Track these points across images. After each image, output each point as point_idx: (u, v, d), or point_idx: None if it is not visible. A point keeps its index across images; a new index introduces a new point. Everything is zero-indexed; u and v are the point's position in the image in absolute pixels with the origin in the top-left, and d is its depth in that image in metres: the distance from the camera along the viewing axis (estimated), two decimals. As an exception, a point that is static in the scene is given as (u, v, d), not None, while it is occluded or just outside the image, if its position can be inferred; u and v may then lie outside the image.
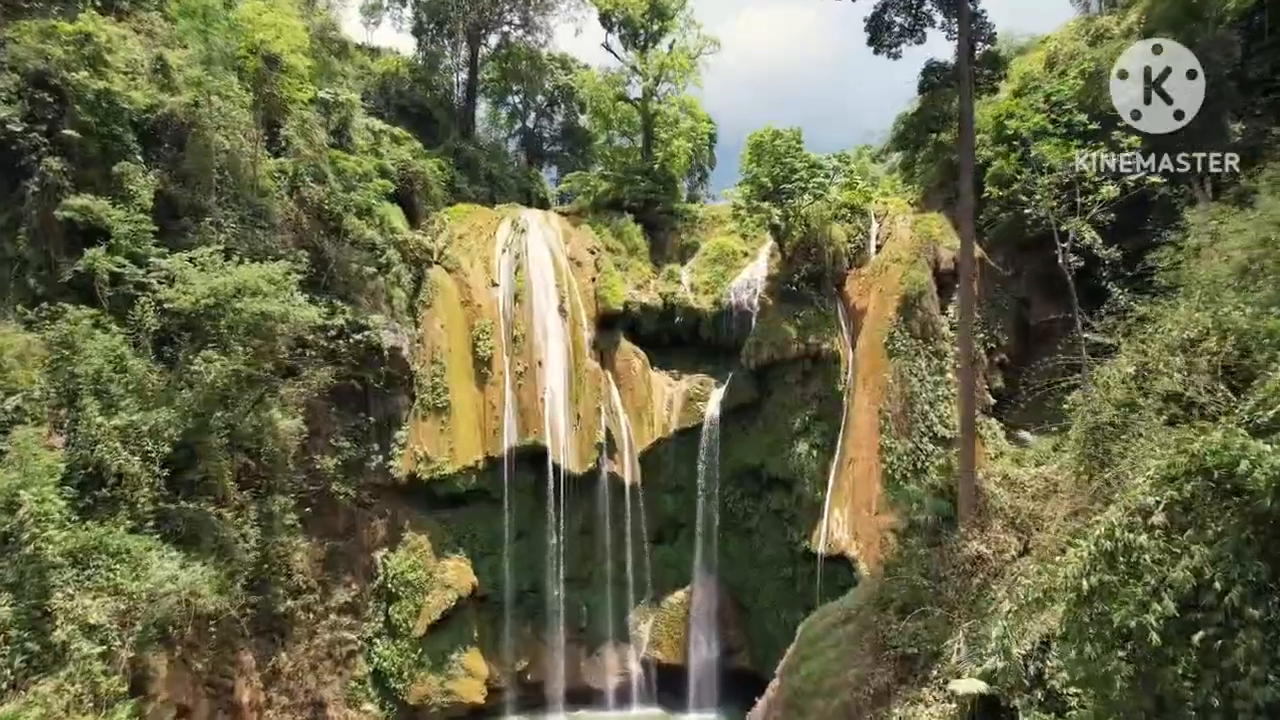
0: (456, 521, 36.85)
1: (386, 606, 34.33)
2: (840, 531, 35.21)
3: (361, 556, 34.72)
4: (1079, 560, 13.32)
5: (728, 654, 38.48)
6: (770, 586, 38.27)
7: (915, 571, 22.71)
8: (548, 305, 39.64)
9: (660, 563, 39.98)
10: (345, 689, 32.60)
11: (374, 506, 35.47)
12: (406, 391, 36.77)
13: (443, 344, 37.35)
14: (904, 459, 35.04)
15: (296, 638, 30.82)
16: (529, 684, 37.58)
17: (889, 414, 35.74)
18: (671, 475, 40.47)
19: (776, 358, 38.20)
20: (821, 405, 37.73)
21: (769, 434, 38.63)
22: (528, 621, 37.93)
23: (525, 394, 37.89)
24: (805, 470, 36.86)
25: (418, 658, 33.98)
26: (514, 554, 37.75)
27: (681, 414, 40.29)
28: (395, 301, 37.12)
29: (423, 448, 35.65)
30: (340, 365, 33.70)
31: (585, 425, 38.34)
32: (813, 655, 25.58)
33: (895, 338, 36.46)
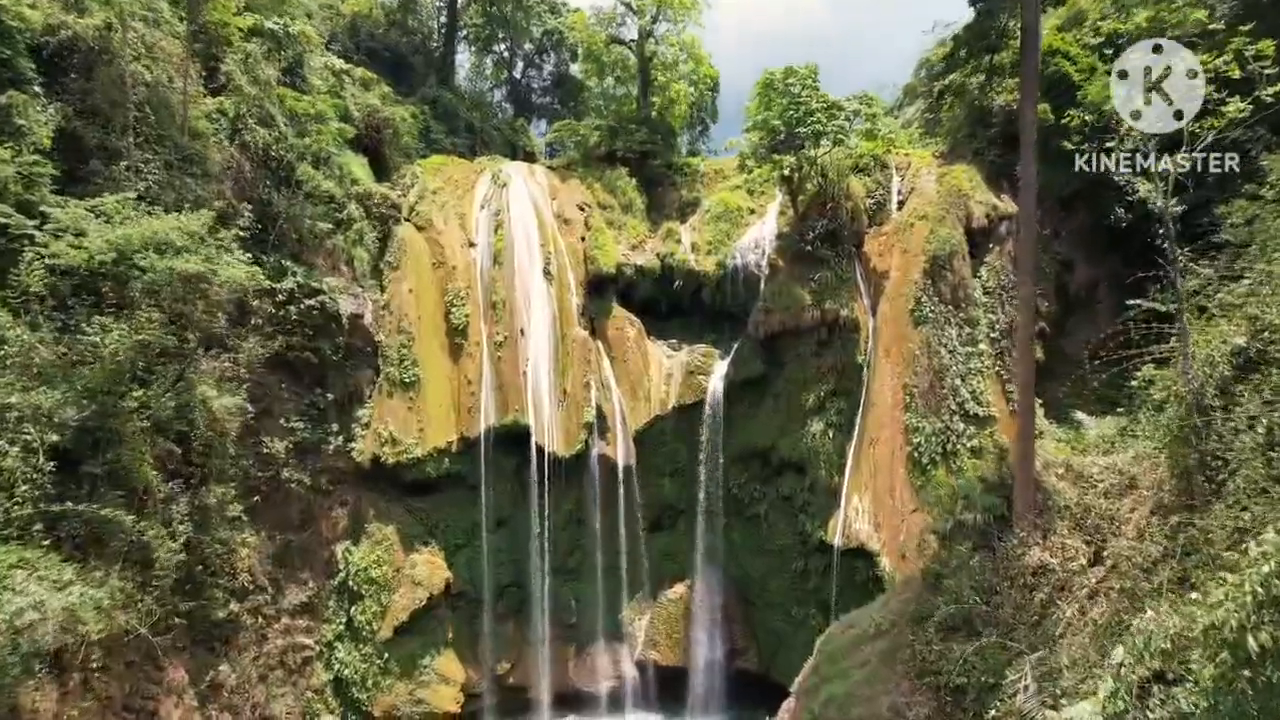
0: (427, 510, 33.27)
1: (348, 606, 30.84)
2: (860, 521, 31.62)
3: (320, 550, 31.18)
4: (1235, 605, 9.53)
5: (732, 654, 35.17)
6: (779, 580, 34.82)
7: (965, 583, 19.06)
8: (531, 267, 35.71)
9: (657, 553, 36.50)
10: (301, 701, 29.22)
11: (334, 494, 31.86)
12: (369, 364, 32.99)
13: (411, 311, 33.46)
14: (932, 440, 31.40)
15: (242, 645, 27.33)
16: (511, 687, 34.27)
17: (915, 389, 32.01)
18: (670, 457, 36.82)
19: (788, 326, 34.34)
20: (839, 379, 33.94)
21: (779, 411, 34.90)
22: (510, 619, 34.53)
23: (505, 367, 34.06)
24: (820, 452, 33.19)
25: (383, 664, 30.58)
26: (493, 545, 34.24)
27: (681, 389, 36.54)
28: (357, 263, 33.18)
29: (388, 428, 31.91)
30: (291, 335, 29.92)
31: (573, 402, 34.58)
32: (836, 676, 22.08)
33: (922, 303, 32.64)
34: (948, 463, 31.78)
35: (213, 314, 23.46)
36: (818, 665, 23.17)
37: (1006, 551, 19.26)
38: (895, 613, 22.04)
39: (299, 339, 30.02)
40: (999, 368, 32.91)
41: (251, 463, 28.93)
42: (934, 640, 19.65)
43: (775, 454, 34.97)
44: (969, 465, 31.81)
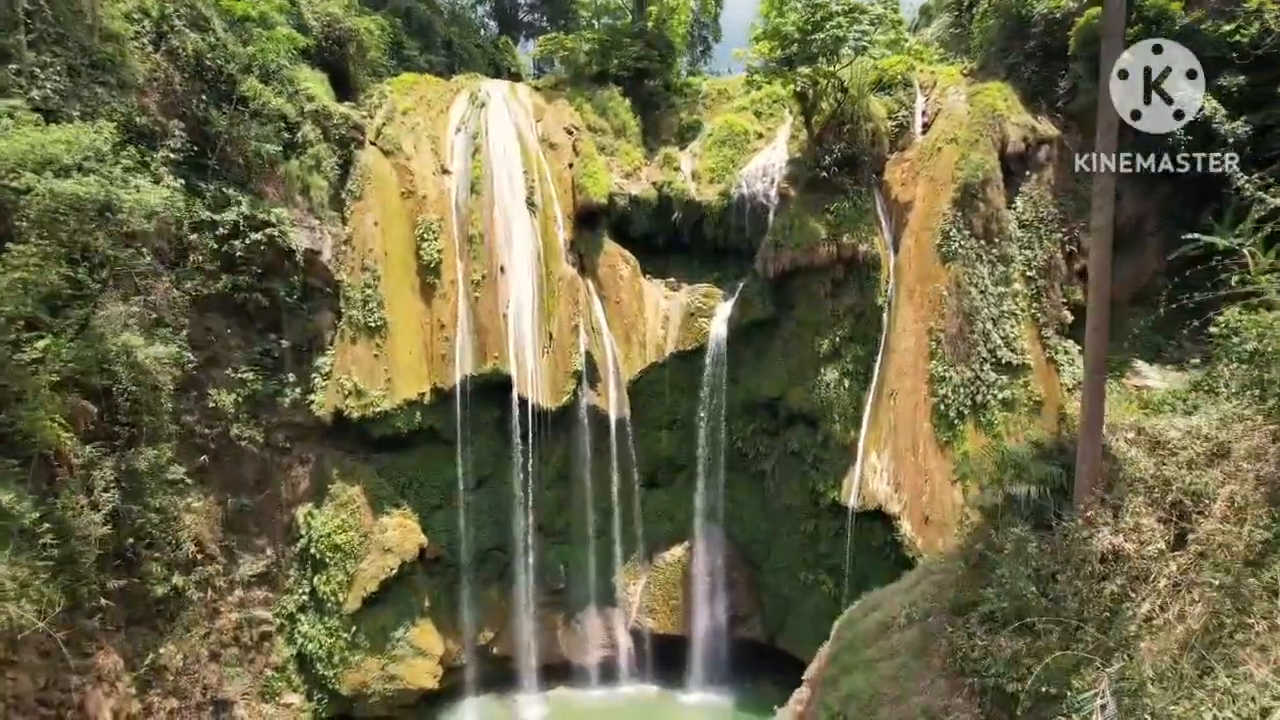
0: (398, 469, 30.40)
1: (311, 576, 28.20)
2: (877, 481, 28.80)
3: (278, 515, 28.44)
4: None
5: (734, 622, 32.81)
6: (787, 542, 32.23)
7: (1020, 571, 16.10)
8: (512, 197, 32.13)
9: (653, 512, 33.86)
10: (259, 680, 26.86)
11: (292, 452, 28.96)
12: (330, 307, 29.71)
13: (376, 246, 30.01)
14: (960, 391, 28.41)
15: (188, 622, 24.76)
16: (495, 658, 32.01)
17: (942, 334, 28.87)
18: (668, 408, 33.86)
19: (800, 263, 30.95)
20: (856, 323, 30.72)
21: (789, 358, 31.76)
22: (492, 585, 32.06)
23: (483, 309, 30.77)
24: (834, 404, 30.20)
25: (351, 638, 28.11)
26: (473, 506, 31.58)
27: (680, 333, 33.35)
28: (314, 192, 29.57)
29: (352, 378, 28.79)
30: (238, 274, 26.56)
31: (560, 348, 31.40)
32: (857, 667, 19.38)
33: (951, 237, 29.27)
34: (977, 417, 28.85)
35: (125, 248, 20.00)
36: (837, 653, 20.46)
37: (1069, 533, 16.26)
38: (928, 597, 19.23)
39: (247, 279, 26.68)
40: (1035, 310, 29.70)
41: (197, 419, 26.04)
42: (977, 634, 16.80)
43: (784, 405, 31.97)
44: (1000, 419, 28.91)
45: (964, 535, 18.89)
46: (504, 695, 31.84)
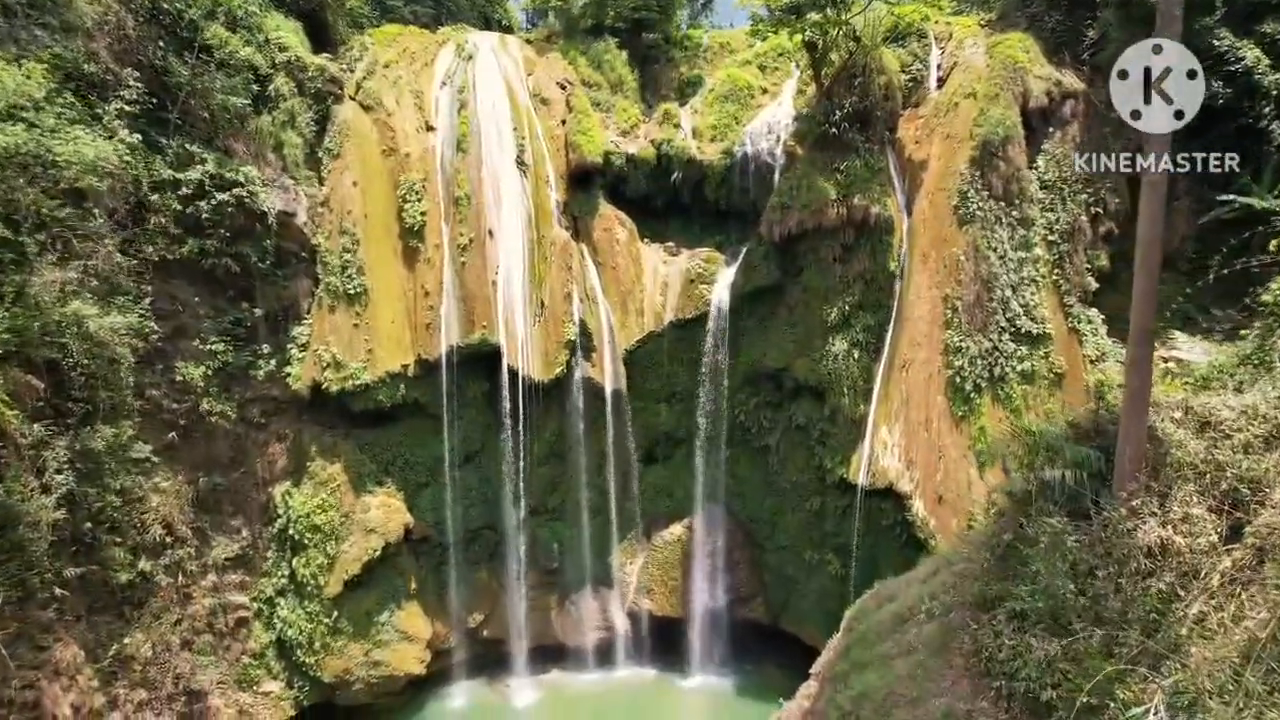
0: (382, 445, 28.93)
1: (290, 558, 26.80)
2: (888, 457, 27.35)
3: (254, 494, 27.01)
4: None
5: (736, 603, 31.61)
6: (791, 520, 30.90)
7: (1058, 566, 14.63)
8: (501, 156, 30.26)
9: (652, 489, 32.49)
10: (236, 668, 25.62)
11: (268, 428, 27.44)
12: (306, 273, 28.01)
13: (356, 208, 28.22)
14: (977, 363, 26.88)
15: (157, 609, 23.46)
16: (485, 640, 30.86)
17: (958, 301, 27.25)
18: (666, 379, 32.32)
19: (808, 225, 29.19)
20: (866, 290, 29.06)
21: (795, 327, 30.17)
22: (482, 566, 30.79)
23: (470, 275, 29.06)
24: (843, 375, 28.67)
25: (332, 623, 26.84)
26: (462, 483, 30.17)
27: (680, 300, 31.69)
28: (287, 150, 27.70)
29: (330, 349, 27.18)
30: (205, 238, 24.81)
31: (552, 316, 29.75)
32: (871, 663, 18.06)
33: (968, 199, 27.53)
34: (994, 390, 27.32)
35: (67, 208, 18.24)
36: (848, 647, 19.15)
37: (1110, 523, 14.76)
38: (949, 589, 17.82)
39: (215, 243, 24.93)
40: (1057, 277, 28.02)
41: (163, 393, 24.47)
42: (1005, 632, 15.40)
43: (789, 377, 30.43)
44: (1018, 393, 27.39)
45: (989, 523, 17.42)
46: (495, 679, 30.73)
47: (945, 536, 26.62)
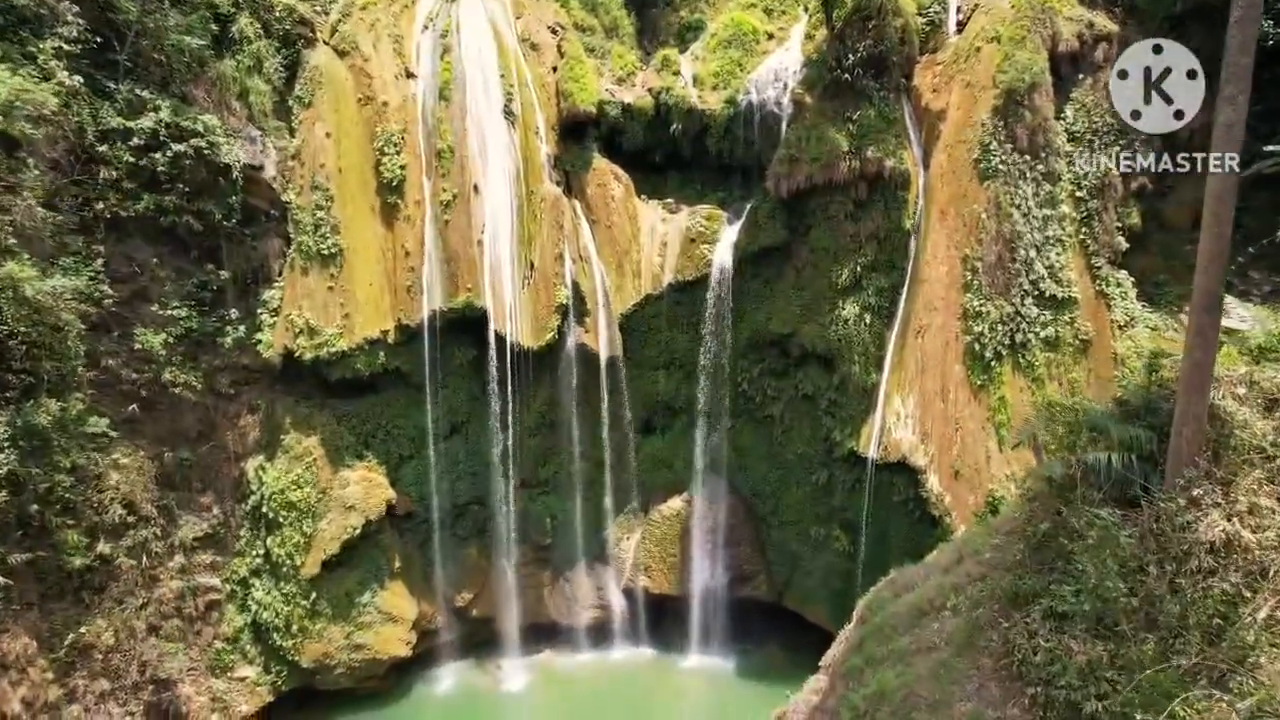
0: (361, 416, 27.35)
1: (264, 536, 25.32)
2: (901, 429, 25.78)
3: (225, 469, 25.49)
4: None
5: (738, 581, 30.30)
6: (796, 494, 29.46)
7: (1109, 565, 13.07)
8: (487, 105, 28.18)
9: (649, 461, 31.00)
10: (207, 653, 24.33)
11: (239, 399, 25.83)
12: (276, 232, 26.19)
13: (329, 161, 26.26)
14: (998, 329, 25.25)
15: (119, 594, 22.13)
16: (474, 620, 29.60)
17: (978, 263, 25.52)
18: (665, 346, 30.63)
19: (818, 180, 27.27)
20: (880, 250, 27.27)
21: (803, 290, 28.42)
22: (471, 542, 29.39)
23: (454, 234, 27.19)
24: (853, 342, 27.01)
25: (310, 605, 25.50)
26: (447, 456, 28.62)
27: (680, 261, 29.89)
28: (253, 98, 25.66)
29: (303, 314, 25.44)
30: (163, 194, 22.90)
31: (542, 278, 27.95)
32: (887, 659, 16.65)
33: (991, 151, 25.65)
34: (1015, 357, 25.70)
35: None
36: (862, 640, 17.72)
37: (1166, 514, 13.17)
38: (974, 580, 16.36)
39: (174, 199, 23.05)
40: (1084, 236, 26.22)
41: (122, 362, 22.80)
42: (1041, 632, 13.92)
43: (796, 343, 28.75)
44: (1041, 361, 25.77)
45: (1021, 509, 15.83)
46: (485, 660, 29.53)
47: (961, 514, 25.21)
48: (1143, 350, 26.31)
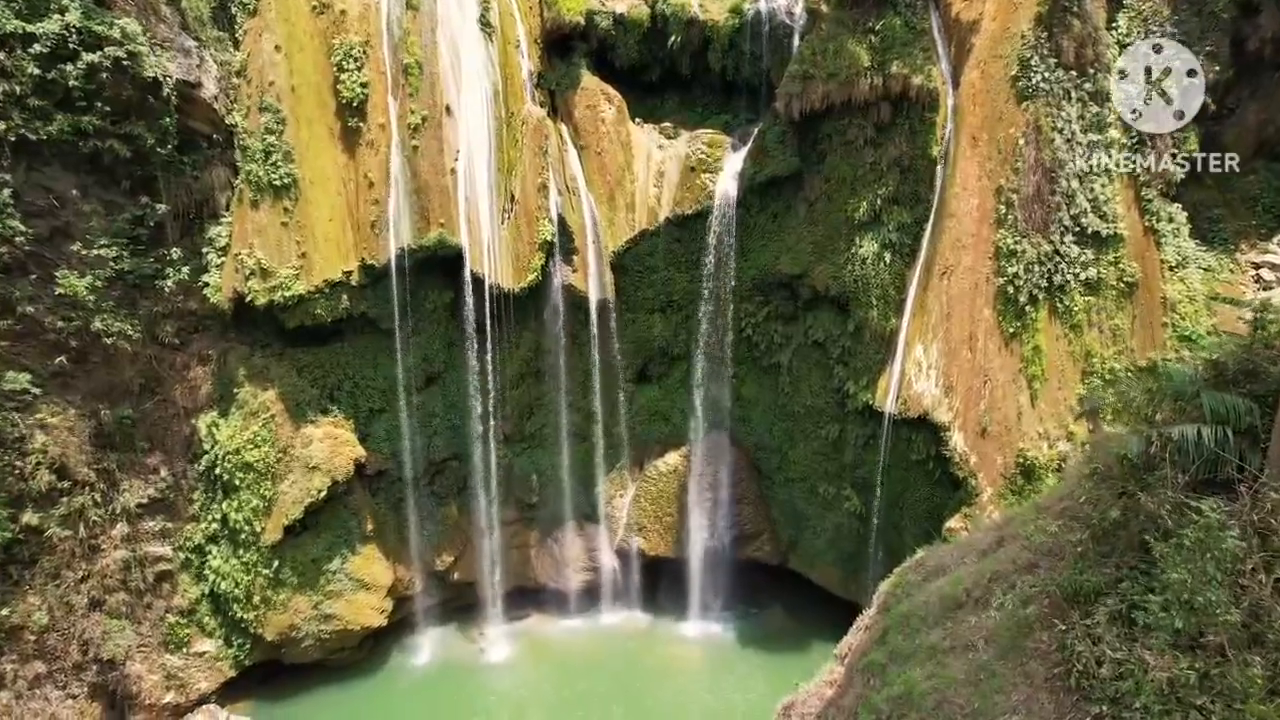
0: (325, 367, 25.03)
1: (221, 500, 23.20)
2: (923, 381, 23.49)
3: (175, 426, 23.29)
4: None
5: (740, 541, 28.49)
6: (804, 449, 27.41)
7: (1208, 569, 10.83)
8: (461, 15, 25.13)
9: (644, 412, 28.86)
10: (159, 628, 22.47)
11: (187, 348, 23.51)
12: (221, 160, 23.46)
13: (280, 78, 23.28)
14: (1033, 269, 22.90)
15: (52, 568, 20.24)
16: (455, 584, 27.90)
17: (1013, 195, 22.96)
18: (662, 287, 28.15)
19: (835, 100, 24.38)
20: (902, 180, 24.54)
21: (815, 225, 25.82)
22: (450, 501, 27.50)
23: (424, 162, 24.38)
24: (871, 283, 24.55)
25: (273, 573, 23.58)
26: (423, 409, 26.39)
27: (678, 193, 27.23)
28: (187, 4, 22.56)
29: (254, 254, 22.82)
30: (80, 113, 20.05)
31: (524, 212, 25.27)
32: (915, 655, 14.72)
33: (1031, 68, 22.90)
34: (1052, 301, 23.28)
35: None
36: (885, 631, 15.73)
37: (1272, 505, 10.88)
38: (1020, 566, 14.25)
39: (94, 119, 20.20)
40: (1134, 165, 23.45)
41: (43, 309, 20.28)
42: (1107, 638, 11.79)
43: (806, 284, 26.28)
44: (1080, 306, 23.37)
45: (1085, 489, 13.54)
46: (467, 627, 27.90)
47: (988, 476, 23.11)
48: (1195, 294, 23.93)
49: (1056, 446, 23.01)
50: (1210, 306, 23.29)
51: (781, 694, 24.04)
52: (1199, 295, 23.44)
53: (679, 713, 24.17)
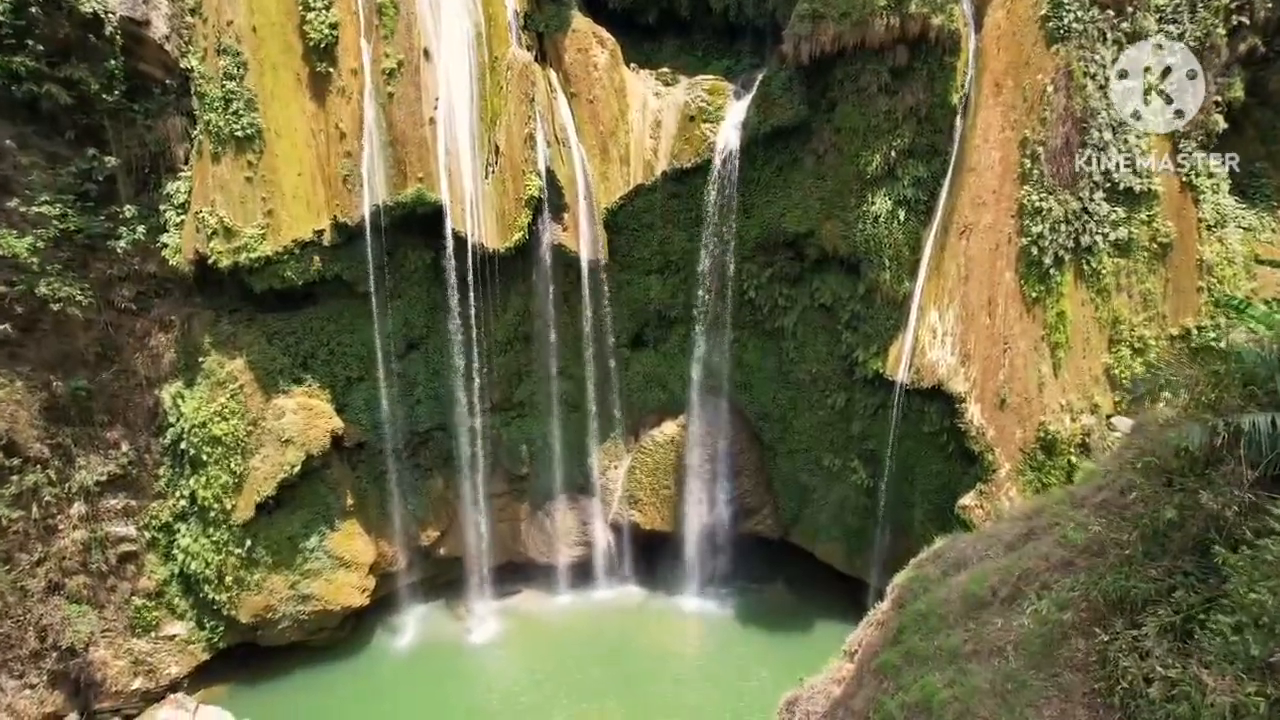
0: (297, 333, 23.52)
1: (189, 475, 21.88)
2: (938, 348, 22.08)
3: (136, 397, 21.90)
4: None
5: (740, 515, 27.29)
6: (809, 419, 26.07)
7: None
8: (439, -52, 22.94)
9: (640, 379, 27.46)
10: (125, 611, 21.34)
11: (147, 314, 22.01)
12: (177, 108, 21.66)
13: (240, 18, 21.37)
14: (1060, 228, 21.33)
15: (3, 552, 19.00)
16: (441, 560, 26.80)
17: (1040, 147, 21.38)
18: (658, 246, 26.51)
19: (848, 42, 22.43)
20: (919, 131, 22.74)
21: (824, 180, 24.09)
22: (435, 474, 26.23)
23: (400, 111, 22.55)
24: (883, 243, 22.92)
25: (246, 553, 22.38)
26: (404, 377, 24.98)
27: (676, 144, 25.46)
28: (135, -68, 20.43)
29: (216, 211, 21.17)
30: (10, 53, 18.26)
31: (509, 165, 23.53)
32: (934, 660, 13.50)
33: (1063, 6, 21.40)
34: (1079, 264, 21.74)
35: None
36: (900, 630, 14.52)
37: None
38: (1053, 564, 12.95)
39: (27, 61, 18.41)
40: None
41: (-19, 271, 18.65)
42: (1157, 653, 10.48)
43: (813, 243, 24.67)
44: (1109, 269, 21.86)
45: (1138, 486, 12.16)
46: (454, 604, 26.87)
47: (1006, 450, 21.82)
48: (1234, 256, 22.35)
49: (1080, 420, 21.69)
50: (1250, 269, 21.77)
51: (784, 679, 23.06)
52: (1238, 257, 21.87)
53: (676, 700, 23.15)
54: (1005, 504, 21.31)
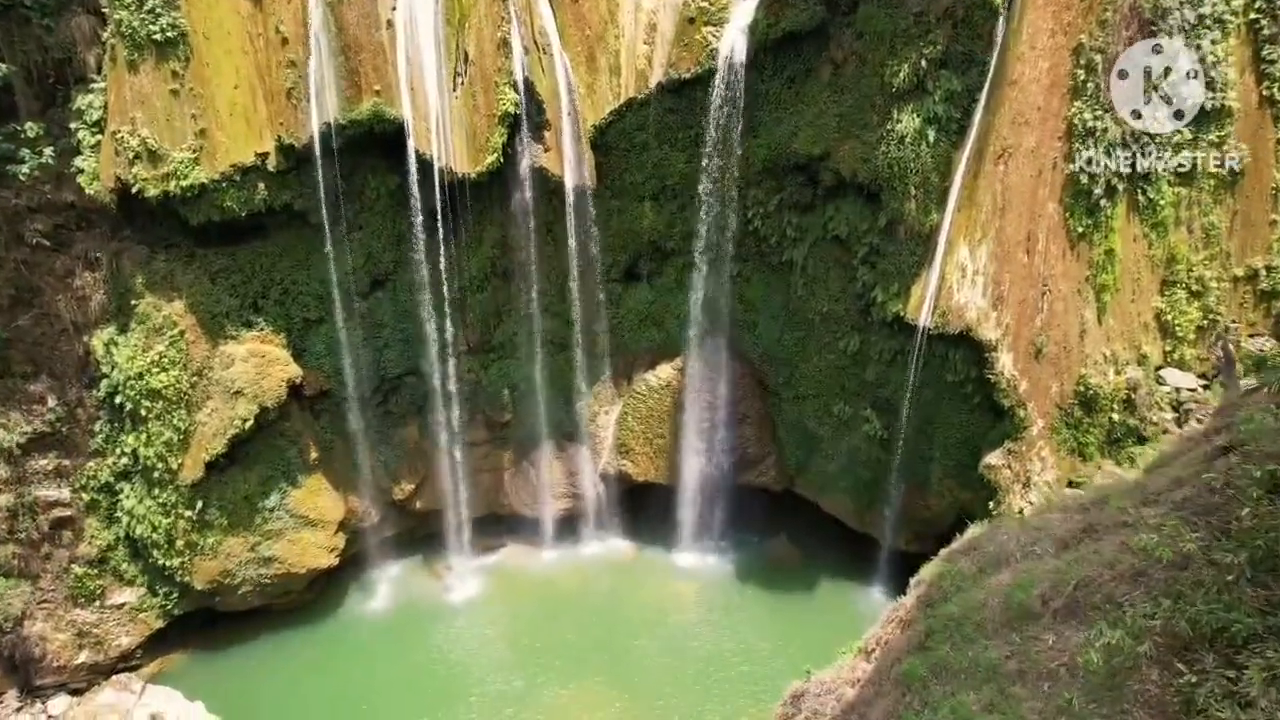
0: (245, 271, 21.17)
1: (129, 432, 19.84)
2: (968, 289, 19.81)
3: (62, 345, 19.71)
4: None
5: (742, 465, 25.49)
6: (818, 363, 23.94)
7: None
8: None
9: (633, 317, 25.33)
10: (64, 581, 19.54)
11: (69, 250, 19.46)
12: (84, 7, 18.46)
13: (156, -105, 18.08)
14: (1115, 152, 18.78)
15: None
16: (417, 514, 25.00)
17: (1096, 56, 18.70)
18: (653, 169, 23.89)
19: (875, -71, 19.30)
20: (955, 37, 19.81)
21: (842, 95, 21.29)
22: (409, 421, 24.34)
23: (352, 12, 19.58)
24: (909, 168, 20.29)
25: (197, 515, 20.62)
26: (369, 317, 22.74)
27: (675, 51, 22.56)
28: None
29: (138, 131, 18.49)
30: None
31: (480, 76, 20.69)
32: (969, 677, 12.03)
33: (1129, -120, 17.86)
34: (1133, 194, 19.21)
35: None
36: (928, 635, 12.79)
37: None
38: (1122, 574, 11.05)
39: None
40: (1256, 15, 18.81)
41: None
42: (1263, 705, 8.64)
43: (828, 168, 22.03)
44: (1168, 200, 19.39)
45: (1241, 489, 10.10)
46: (431, 560, 25.39)
47: (1040, 405, 19.79)
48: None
49: (1125, 372, 19.57)
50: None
51: (783, 649, 21.69)
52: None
53: (670, 667, 21.77)
54: (1036, 465, 19.44)
